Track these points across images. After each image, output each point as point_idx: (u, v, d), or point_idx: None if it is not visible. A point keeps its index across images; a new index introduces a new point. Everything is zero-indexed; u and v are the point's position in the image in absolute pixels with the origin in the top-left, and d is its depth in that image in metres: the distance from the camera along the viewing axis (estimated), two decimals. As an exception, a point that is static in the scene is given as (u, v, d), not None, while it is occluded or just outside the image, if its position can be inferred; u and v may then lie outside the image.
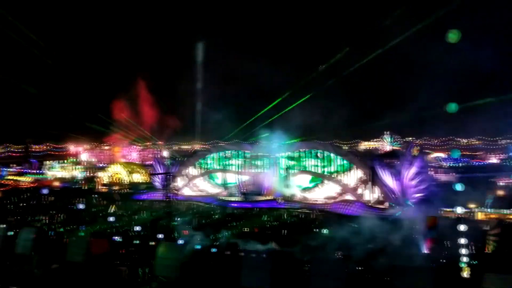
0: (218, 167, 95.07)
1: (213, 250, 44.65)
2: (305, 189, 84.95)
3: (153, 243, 46.59)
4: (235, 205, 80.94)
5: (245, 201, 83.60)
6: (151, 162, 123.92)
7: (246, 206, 79.10)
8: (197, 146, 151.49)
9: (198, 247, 46.95)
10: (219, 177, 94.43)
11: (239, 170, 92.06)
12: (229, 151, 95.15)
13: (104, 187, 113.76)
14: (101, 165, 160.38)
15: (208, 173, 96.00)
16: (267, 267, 25.54)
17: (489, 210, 68.55)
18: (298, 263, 37.29)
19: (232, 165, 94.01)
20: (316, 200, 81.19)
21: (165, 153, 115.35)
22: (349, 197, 79.04)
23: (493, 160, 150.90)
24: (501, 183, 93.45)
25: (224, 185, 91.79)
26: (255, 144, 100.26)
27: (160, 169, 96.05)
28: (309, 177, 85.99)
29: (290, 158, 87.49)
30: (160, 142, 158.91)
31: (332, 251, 45.03)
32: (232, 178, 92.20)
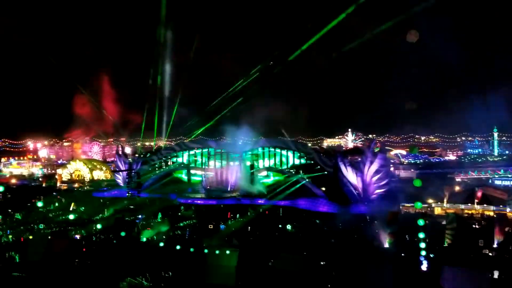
0: (182, 164, 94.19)
1: (178, 247, 44.24)
2: (270, 185, 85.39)
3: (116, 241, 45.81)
4: (200, 202, 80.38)
5: (209, 198, 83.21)
6: (113, 159, 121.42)
7: (211, 203, 78.73)
8: (161, 143, 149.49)
9: (162, 244, 46.46)
10: (183, 174, 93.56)
11: (204, 167, 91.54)
12: (194, 148, 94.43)
13: (65, 185, 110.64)
14: (61, 161, 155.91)
15: (172, 170, 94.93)
16: (232, 263, 25.58)
17: (446, 205, 71.19)
18: (263, 259, 37.51)
19: (196, 161, 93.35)
20: (280, 196, 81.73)
21: (128, 150, 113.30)
22: (312, 193, 79.98)
23: (451, 156, 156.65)
24: (458, 179, 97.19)
25: (189, 182, 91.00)
26: (220, 141, 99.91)
27: (122, 166, 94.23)
28: (274, 173, 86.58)
29: (255, 155, 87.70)
30: (122, 139, 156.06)
31: (295, 247, 45.50)
32: (196, 175, 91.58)
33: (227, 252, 30.73)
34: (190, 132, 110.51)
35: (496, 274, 33.45)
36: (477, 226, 58.17)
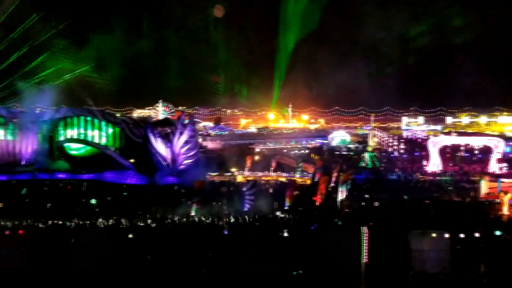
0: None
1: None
2: (74, 158, 79.49)
3: None
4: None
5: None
6: None
7: (1, 179, 69.62)
8: None
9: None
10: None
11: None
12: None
13: None
14: None
15: None
16: (24, 244, 23.13)
17: (247, 173, 77.48)
18: (65, 235, 35.57)
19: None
20: (85, 170, 77.06)
21: None
22: (120, 165, 77.69)
23: (252, 129, 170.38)
24: (257, 149, 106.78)
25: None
26: (13, 108, 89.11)
27: None
28: (77, 145, 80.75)
29: (55, 125, 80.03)
30: None
31: (103, 219, 44.28)
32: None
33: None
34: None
35: (286, 233, 38.04)
36: (272, 191, 64.72)
